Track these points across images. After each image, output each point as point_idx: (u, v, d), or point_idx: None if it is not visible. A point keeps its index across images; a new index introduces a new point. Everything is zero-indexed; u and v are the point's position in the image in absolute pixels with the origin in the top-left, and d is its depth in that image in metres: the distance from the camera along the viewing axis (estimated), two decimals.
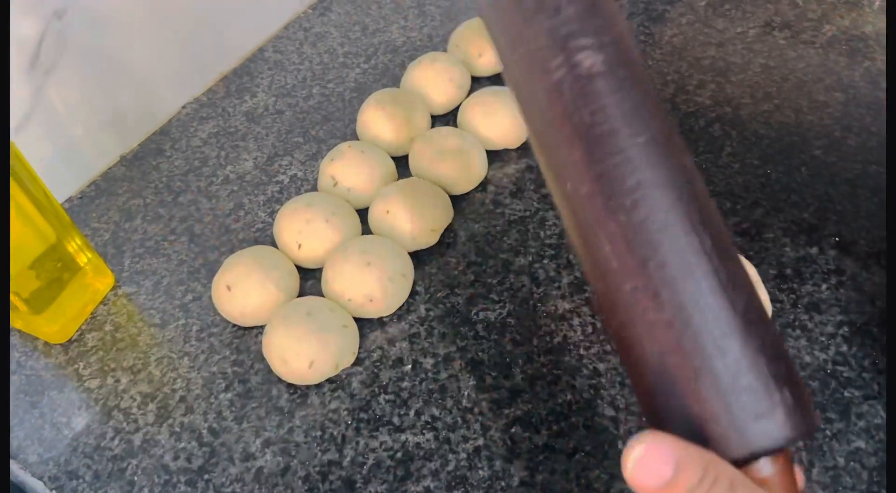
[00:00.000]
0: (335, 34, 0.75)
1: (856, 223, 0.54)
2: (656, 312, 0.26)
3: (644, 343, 0.26)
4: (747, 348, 0.25)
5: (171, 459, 0.46)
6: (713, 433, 0.25)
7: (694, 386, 0.25)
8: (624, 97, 0.27)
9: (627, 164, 0.26)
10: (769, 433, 0.25)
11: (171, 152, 0.66)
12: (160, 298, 0.55)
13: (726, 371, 0.25)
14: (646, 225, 0.26)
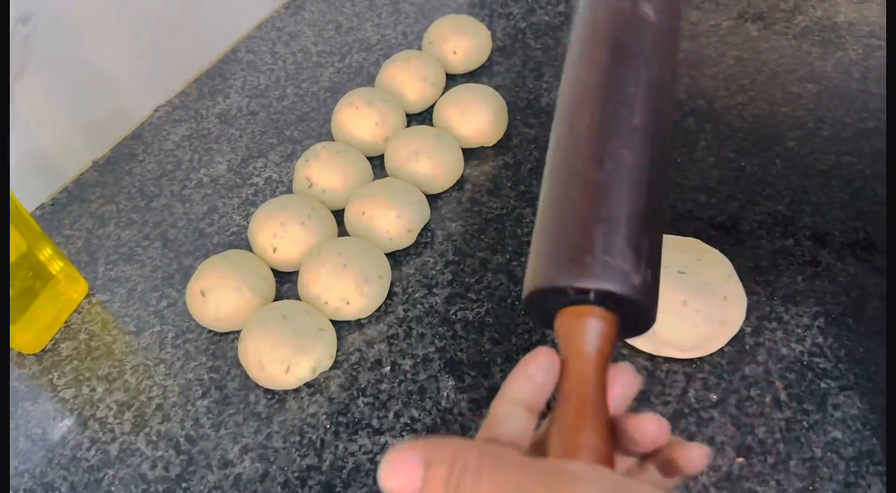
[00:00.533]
0: (308, 33, 0.75)
1: (830, 214, 0.54)
2: (596, 173, 0.32)
3: (572, 193, 0.32)
4: (642, 228, 0.31)
5: (149, 468, 0.46)
6: (583, 259, 0.30)
7: (591, 226, 0.31)
8: (654, 40, 0.35)
9: (634, 77, 0.34)
10: (619, 280, 0.30)
11: (144, 156, 0.65)
12: (135, 305, 0.54)
13: (617, 229, 0.31)
14: (622, 122, 0.33)
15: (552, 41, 0.71)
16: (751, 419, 0.44)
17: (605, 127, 0.33)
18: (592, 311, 0.30)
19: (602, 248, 0.30)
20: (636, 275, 0.30)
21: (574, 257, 0.30)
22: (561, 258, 0.31)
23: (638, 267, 0.30)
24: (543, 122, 0.63)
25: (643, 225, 0.31)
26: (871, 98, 0.62)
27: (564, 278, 0.30)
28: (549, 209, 0.34)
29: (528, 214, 0.57)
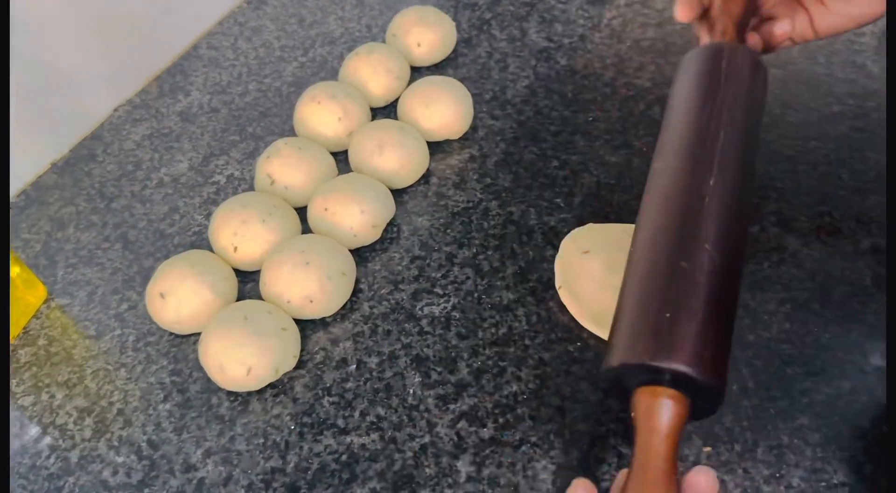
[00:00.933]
0: (271, 28, 0.74)
1: (796, 200, 0.54)
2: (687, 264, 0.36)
3: (660, 278, 0.37)
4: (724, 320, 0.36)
5: (110, 474, 0.45)
6: (669, 342, 0.34)
7: (678, 313, 0.35)
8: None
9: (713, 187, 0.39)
10: (698, 365, 0.33)
11: (104, 157, 0.64)
12: (95, 308, 0.53)
13: (701, 318, 0.34)
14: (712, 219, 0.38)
15: (518, 32, 0.70)
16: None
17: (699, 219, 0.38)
18: (670, 392, 0.34)
19: (685, 334, 0.34)
20: (711, 363, 0.34)
21: (660, 338, 0.34)
22: (646, 338, 0.34)
23: (715, 356, 0.34)
24: (509, 113, 0.63)
25: (722, 316, 0.35)
26: (835, 82, 0.61)
27: (651, 356, 0.34)
28: (636, 287, 0.37)
29: (495, 207, 0.56)
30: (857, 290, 0.49)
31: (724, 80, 0.43)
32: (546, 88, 0.64)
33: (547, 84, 0.65)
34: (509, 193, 0.57)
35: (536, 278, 0.51)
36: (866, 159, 0.56)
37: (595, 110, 0.62)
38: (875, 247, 0.51)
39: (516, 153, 0.60)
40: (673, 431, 0.34)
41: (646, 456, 0.33)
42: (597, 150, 0.59)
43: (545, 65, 0.67)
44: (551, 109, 0.63)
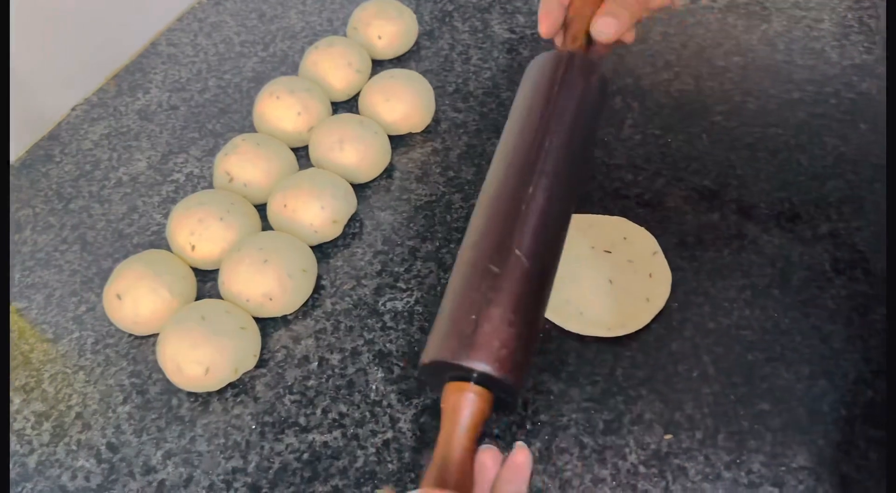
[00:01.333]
0: (231, 23, 0.73)
1: (756, 187, 0.54)
2: (496, 266, 0.38)
3: (474, 279, 0.39)
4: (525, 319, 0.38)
5: (69, 479, 0.44)
6: (471, 341, 0.36)
7: (482, 312, 0.37)
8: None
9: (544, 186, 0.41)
10: (496, 364, 0.36)
11: (61, 157, 0.62)
12: (52, 311, 0.52)
13: (504, 317, 0.37)
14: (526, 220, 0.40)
15: (480, 24, 0.70)
16: (679, 395, 0.44)
17: (509, 223, 0.40)
18: (475, 389, 0.36)
19: (487, 335, 0.36)
20: (510, 362, 0.36)
21: (464, 338, 0.36)
22: (453, 338, 0.37)
23: (514, 355, 0.36)
24: (472, 106, 0.63)
25: (527, 317, 0.38)
26: (795, 69, 0.62)
27: (454, 355, 0.36)
28: (454, 288, 0.39)
29: (458, 200, 0.56)
30: (816, 275, 0.49)
31: (557, 89, 0.45)
32: (509, 80, 0.64)
33: (510, 76, 0.65)
34: (472, 186, 0.57)
35: None
36: (825, 145, 0.56)
37: None
38: (833, 232, 0.51)
39: (479, 146, 0.59)
40: (475, 424, 0.36)
41: (449, 447, 0.35)
42: None
43: (508, 57, 0.66)
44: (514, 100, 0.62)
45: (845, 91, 0.60)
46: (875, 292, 0.48)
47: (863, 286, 0.48)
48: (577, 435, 0.43)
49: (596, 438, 0.43)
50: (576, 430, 0.43)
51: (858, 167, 0.54)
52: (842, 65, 0.62)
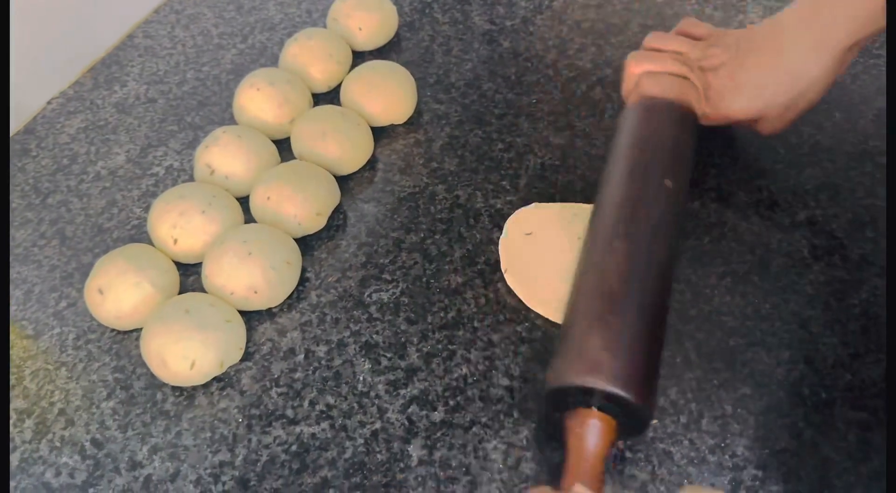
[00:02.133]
0: (209, 15, 0.72)
1: (734, 175, 0.55)
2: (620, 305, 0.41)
3: (600, 310, 0.41)
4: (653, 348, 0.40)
5: (53, 476, 0.44)
6: (602, 368, 0.37)
7: (616, 341, 0.39)
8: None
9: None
10: (629, 389, 0.37)
11: (38, 151, 0.62)
12: (32, 307, 0.52)
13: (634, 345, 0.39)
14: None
15: (460, 15, 0.70)
16: (663, 381, 0.45)
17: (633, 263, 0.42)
18: (600, 415, 0.38)
19: (619, 359, 0.38)
20: (643, 387, 0.38)
21: (593, 364, 0.38)
22: (582, 362, 0.38)
23: (645, 380, 0.38)
24: (454, 97, 0.63)
25: (654, 346, 0.40)
26: None
27: (585, 379, 0.37)
28: (579, 311, 0.41)
29: (441, 191, 0.56)
30: (795, 261, 0.50)
31: (664, 138, 0.49)
32: (490, 71, 0.64)
33: (490, 67, 0.65)
34: (455, 177, 0.57)
35: (484, 260, 0.52)
36: (801, 133, 0.57)
37: (538, 92, 0.62)
38: (810, 219, 0.52)
39: (461, 137, 0.60)
40: (601, 452, 0.38)
41: (575, 478, 0.37)
42: (541, 131, 0.59)
43: (488, 48, 0.66)
44: (495, 91, 0.63)
45: None
46: (852, 277, 0.49)
47: (840, 272, 0.49)
48: None
49: None
50: None
51: (834, 155, 0.55)
52: None
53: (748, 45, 0.51)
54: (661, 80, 0.52)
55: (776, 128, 0.52)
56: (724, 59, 0.51)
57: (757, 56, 0.50)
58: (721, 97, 0.51)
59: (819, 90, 0.50)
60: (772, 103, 0.50)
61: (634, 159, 0.48)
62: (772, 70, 0.50)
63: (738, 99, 0.51)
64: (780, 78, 0.49)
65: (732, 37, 0.53)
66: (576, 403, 0.38)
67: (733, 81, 0.51)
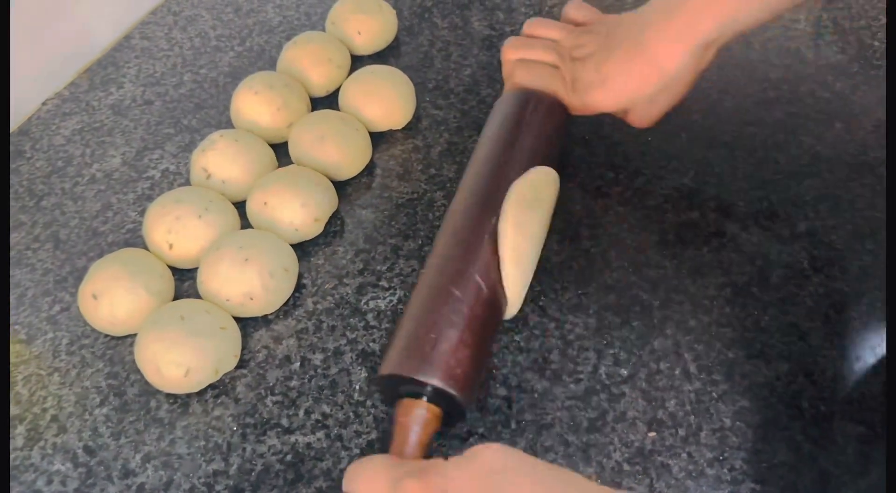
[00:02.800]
0: (206, 17, 0.71)
1: (734, 185, 0.55)
2: (457, 290, 0.42)
3: (436, 300, 0.42)
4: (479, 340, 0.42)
5: (45, 484, 0.43)
6: (426, 358, 0.39)
7: (440, 332, 0.40)
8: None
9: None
10: (451, 381, 0.39)
11: (32, 153, 0.61)
12: (25, 311, 0.51)
13: (460, 338, 0.41)
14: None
15: (460, 20, 0.69)
16: (661, 393, 0.45)
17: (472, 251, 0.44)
18: (426, 405, 0.39)
19: (443, 354, 0.39)
20: (463, 379, 0.39)
21: (423, 355, 0.39)
22: (412, 353, 0.40)
23: (467, 374, 0.40)
24: (453, 103, 0.62)
25: (481, 340, 0.41)
26: (771, 68, 0.62)
27: (413, 370, 0.39)
28: (415, 306, 0.42)
29: (440, 198, 0.56)
30: (795, 273, 0.50)
31: (524, 126, 0.49)
32: (489, 77, 0.64)
33: (490, 73, 0.64)
34: (454, 184, 0.56)
35: None
36: (801, 144, 0.57)
37: None
38: (810, 230, 0.52)
39: (460, 143, 0.59)
40: (426, 439, 0.39)
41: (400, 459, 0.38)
42: None
43: (488, 53, 0.66)
44: (495, 98, 0.62)
45: (820, 90, 0.61)
46: (852, 289, 0.48)
47: (840, 284, 0.49)
48: (561, 434, 0.43)
49: (580, 436, 0.43)
50: (560, 428, 0.43)
51: (834, 166, 0.55)
52: (817, 64, 0.63)
53: (614, 35, 0.50)
54: (531, 68, 0.52)
55: (644, 122, 0.52)
56: (592, 49, 0.51)
57: (620, 48, 0.49)
58: (587, 89, 0.51)
59: (681, 85, 0.49)
60: (634, 97, 0.50)
61: (495, 151, 0.48)
62: (633, 63, 0.49)
63: (602, 92, 0.50)
64: (641, 71, 0.49)
65: (604, 26, 0.52)
66: (404, 393, 0.40)
67: (599, 74, 0.50)
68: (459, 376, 0.39)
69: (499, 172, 0.47)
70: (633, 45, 0.49)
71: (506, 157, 0.48)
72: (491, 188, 0.46)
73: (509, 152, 0.48)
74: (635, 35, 0.49)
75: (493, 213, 0.45)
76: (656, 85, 0.49)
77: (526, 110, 0.50)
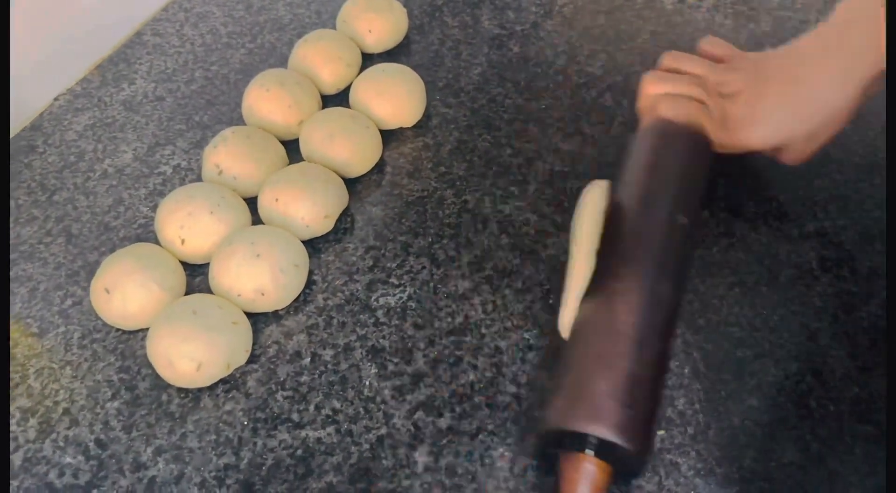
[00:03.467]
0: (217, 13, 0.72)
1: (744, 185, 0.55)
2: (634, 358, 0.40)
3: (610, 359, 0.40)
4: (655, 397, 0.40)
5: (56, 476, 0.44)
6: (604, 414, 0.37)
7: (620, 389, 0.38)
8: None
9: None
10: (629, 437, 0.37)
11: (45, 148, 0.61)
12: (37, 305, 0.51)
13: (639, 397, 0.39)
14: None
15: (470, 19, 0.70)
16: (670, 391, 0.45)
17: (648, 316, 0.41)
18: (594, 461, 0.37)
19: (621, 406, 0.37)
20: (644, 437, 0.38)
21: (598, 409, 0.37)
22: (586, 407, 0.38)
23: (646, 430, 0.38)
24: (463, 101, 0.62)
25: (657, 393, 0.40)
26: None
27: (587, 426, 0.37)
28: (584, 349, 0.41)
29: (450, 196, 0.56)
30: (803, 273, 0.50)
31: (674, 161, 0.48)
32: (499, 76, 0.64)
33: (500, 72, 0.65)
34: (464, 182, 0.57)
35: (492, 266, 0.51)
36: None
37: (547, 98, 0.62)
38: (819, 230, 0.52)
39: (470, 141, 0.59)
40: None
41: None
42: (550, 137, 0.59)
43: (498, 52, 0.66)
44: (504, 96, 0.63)
45: None
46: (861, 290, 0.49)
47: (849, 284, 0.49)
48: None
49: None
50: None
51: (843, 167, 0.55)
52: None
53: (767, 72, 0.50)
54: (677, 103, 0.50)
55: (798, 159, 0.51)
56: (741, 86, 0.50)
57: (776, 85, 0.49)
58: (740, 127, 0.50)
59: (842, 121, 0.48)
60: (791, 135, 0.49)
61: (645, 187, 0.47)
62: (791, 101, 0.48)
63: (757, 129, 0.49)
64: (800, 109, 0.48)
65: (751, 62, 0.51)
66: (572, 446, 0.38)
67: (752, 111, 0.49)
68: (640, 431, 0.38)
69: (663, 225, 0.45)
70: (790, 83, 0.48)
71: (671, 204, 0.46)
72: (658, 241, 0.45)
73: (676, 199, 0.46)
74: (791, 72, 0.48)
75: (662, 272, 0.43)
76: (815, 123, 0.48)
77: (680, 147, 0.49)
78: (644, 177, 0.47)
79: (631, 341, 0.39)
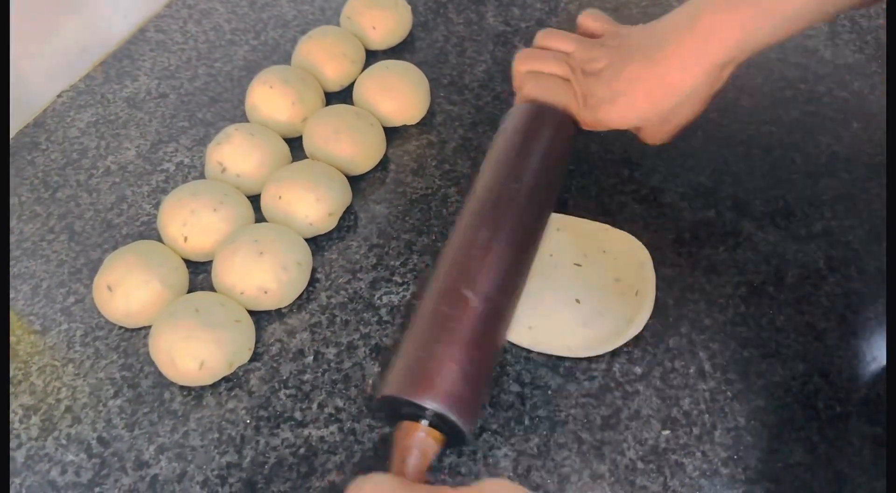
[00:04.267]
0: (221, 10, 0.71)
1: (751, 184, 0.54)
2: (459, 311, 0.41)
3: (435, 323, 0.41)
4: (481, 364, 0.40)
5: (59, 474, 0.43)
6: (429, 383, 0.38)
7: (443, 355, 0.39)
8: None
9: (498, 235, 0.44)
10: (454, 406, 0.38)
11: (47, 145, 0.61)
12: (40, 302, 0.51)
13: (461, 362, 0.39)
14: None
15: (475, 15, 0.69)
16: (676, 391, 0.44)
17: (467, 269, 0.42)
18: (426, 428, 0.38)
19: (446, 377, 0.38)
20: (459, 401, 0.38)
21: (423, 378, 0.38)
22: (412, 375, 0.38)
23: (464, 394, 0.38)
24: (467, 99, 0.62)
25: (478, 357, 0.39)
26: (788, 68, 0.62)
27: (413, 393, 0.38)
28: (413, 327, 0.41)
29: (454, 194, 0.55)
30: (810, 272, 0.49)
31: (531, 142, 0.48)
32: (504, 73, 0.64)
33: (504, 69, 0.64)
34: (468, 180, 0.56)
35: None
36: (818, 143, 0.56)
37: None
38: (826, 230, 0.51)
39: (475, 139, 0.59)
40: (424, 463, 0.38)
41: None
42: None
43: (503, 49, 0.66)
44: (510, 94, 0.62)
45: (837, 89, 0.60)
46: (868, 290, 0.48)
47: (856, 284, 0.48)
48: (575, 431, 0.43)
49: (594, 433, 0.43)
50: (574, 425, 0.43)
51: (851, 166, 0.55)
52: (834, 64, 0.62)
53: (627, 51, 0.48)
54: (541, 81, 0.50)
55: (656, 139, 0.50)
56: (605, 63, 0.49)
57: (633, 65, 0.47)
58: (598, 105, 0.48)
59: (695, 104, 0.47)
60: (645, 116, 0.48)
61: (496, 166, 0.47)
62: (645, 81, 0.47)
63: (613, 108, 0.48)
64: (652, 90, 0.47)
65: (617, 39, 0.50)
66: (405, 415, 0.39)
67: (610, 89, 0.48)
68: (456, 397, 0.38)
69: (501, 189, 0.46)
70: (645, 63, 0.47)
71: (511, 172, 0.46)
72: (491, 204, 0.45)
73: (515, 167, 0.47)
74: (648, 52, 0.47)
75: (485, 227, 0.44)
76: (668, 104, 0.47)
77: (534, 125, 0.49)
78: (500, 156, 0.48)
79: (454, 320, 0.40)
